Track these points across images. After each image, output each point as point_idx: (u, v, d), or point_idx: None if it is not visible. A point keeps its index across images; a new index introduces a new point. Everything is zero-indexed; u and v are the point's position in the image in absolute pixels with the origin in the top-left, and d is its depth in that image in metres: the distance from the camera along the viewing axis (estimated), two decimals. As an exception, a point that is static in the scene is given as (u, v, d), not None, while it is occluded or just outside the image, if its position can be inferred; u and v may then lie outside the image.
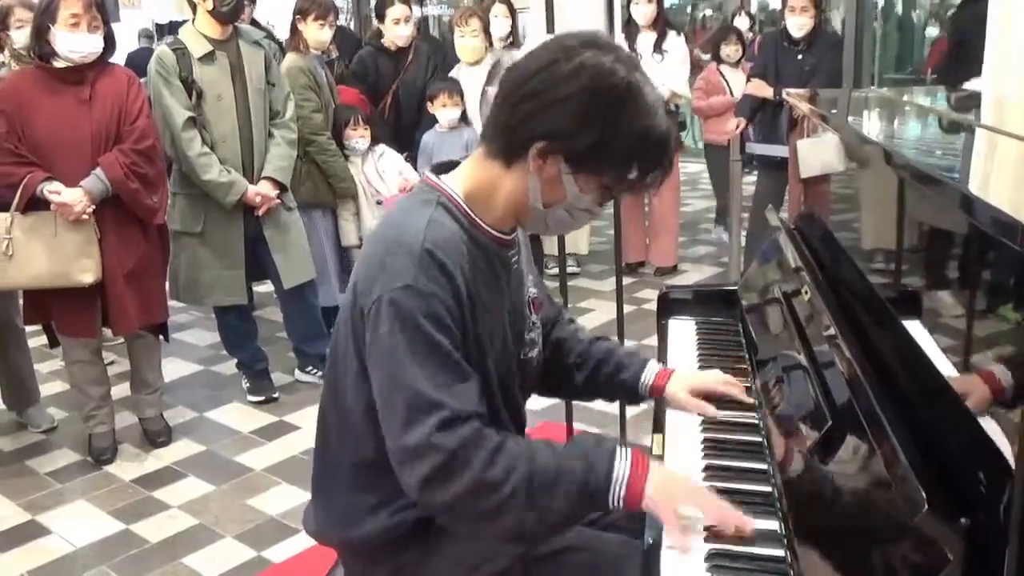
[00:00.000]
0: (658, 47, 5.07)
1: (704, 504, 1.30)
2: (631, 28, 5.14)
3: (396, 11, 4.43)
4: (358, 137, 4.05)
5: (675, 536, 1.27)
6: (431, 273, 1.27)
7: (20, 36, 3.57)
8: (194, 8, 3.46)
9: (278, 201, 3.57)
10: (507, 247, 1.43)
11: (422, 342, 1.26)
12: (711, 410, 1.64)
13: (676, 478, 1.37)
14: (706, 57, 6.37)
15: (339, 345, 1.41)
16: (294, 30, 3.99)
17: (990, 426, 0.99)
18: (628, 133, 1.27)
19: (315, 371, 3.92)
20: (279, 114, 3.61)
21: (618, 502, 1.29)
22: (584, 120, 1.26)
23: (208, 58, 3.42)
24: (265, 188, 3.51)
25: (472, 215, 1.37)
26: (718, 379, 1.70)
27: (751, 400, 1.67)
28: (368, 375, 1.33)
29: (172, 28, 6.04)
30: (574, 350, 1.70)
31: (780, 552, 1.25)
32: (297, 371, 4.03)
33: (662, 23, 5.11)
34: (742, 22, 7.38)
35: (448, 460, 1.25)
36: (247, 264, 3.60)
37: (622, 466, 1.30)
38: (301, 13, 4.00)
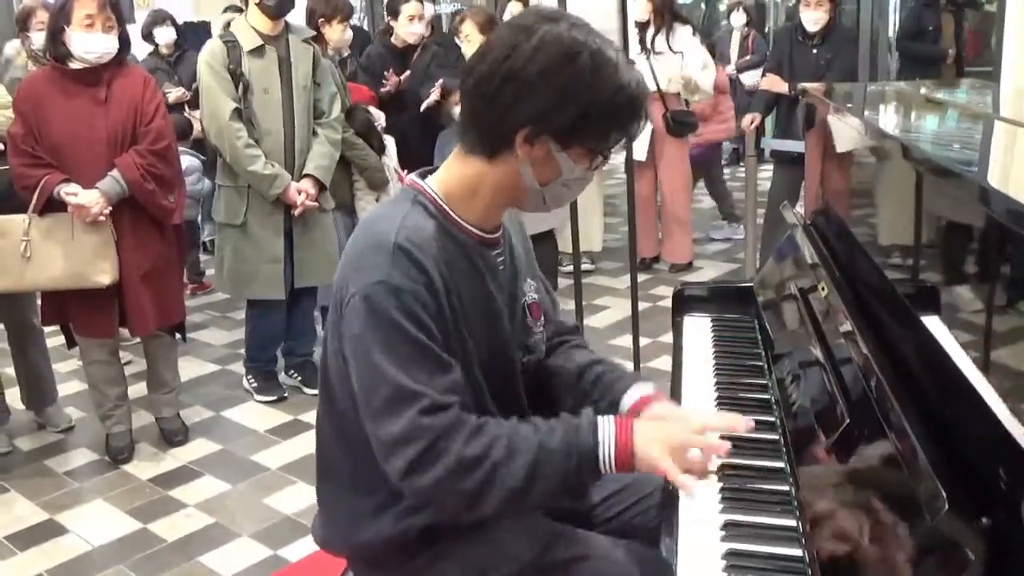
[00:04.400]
0: (664, 42, 5.01)
1: (694, 441, 1.28)
2: (643, 24, 5.09)
3: (411, 8, 4.42)
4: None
5: (679, 481, 1.24)
6: (404, 268, 1.28)
7: (40, 38, 3.59)
8: (246, 2, 3.50)
9: (316, 204, 3.57)
10: (489, 246, 1.41)
11: (397, 336, 1.27)
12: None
13: (661, 426, 1.33)
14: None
15: (328, 349, 1.42)
16: (317, 33, 3.97)
17: (1011, 423, 0.97)
18: (604, 96, 1.27)
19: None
20: (324, 113, 3.61)
21: (608, 462, 1.29)
22: (563, 96, 1.26)
23: (258, 52, 3.45)
24: (306, 186, 3.51)
25: (449, 212, 1.37)
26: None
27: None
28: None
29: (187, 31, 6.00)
30: (563, 379, 1.58)
31: (798, 552, 1.24)
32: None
33: (664, 17, 5.04)
34: (738, 17, 7.51)
35: (431, 444, 1.26)
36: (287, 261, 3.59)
37: (606, 427, 1.30)
38: (326, 16, 4.00)
